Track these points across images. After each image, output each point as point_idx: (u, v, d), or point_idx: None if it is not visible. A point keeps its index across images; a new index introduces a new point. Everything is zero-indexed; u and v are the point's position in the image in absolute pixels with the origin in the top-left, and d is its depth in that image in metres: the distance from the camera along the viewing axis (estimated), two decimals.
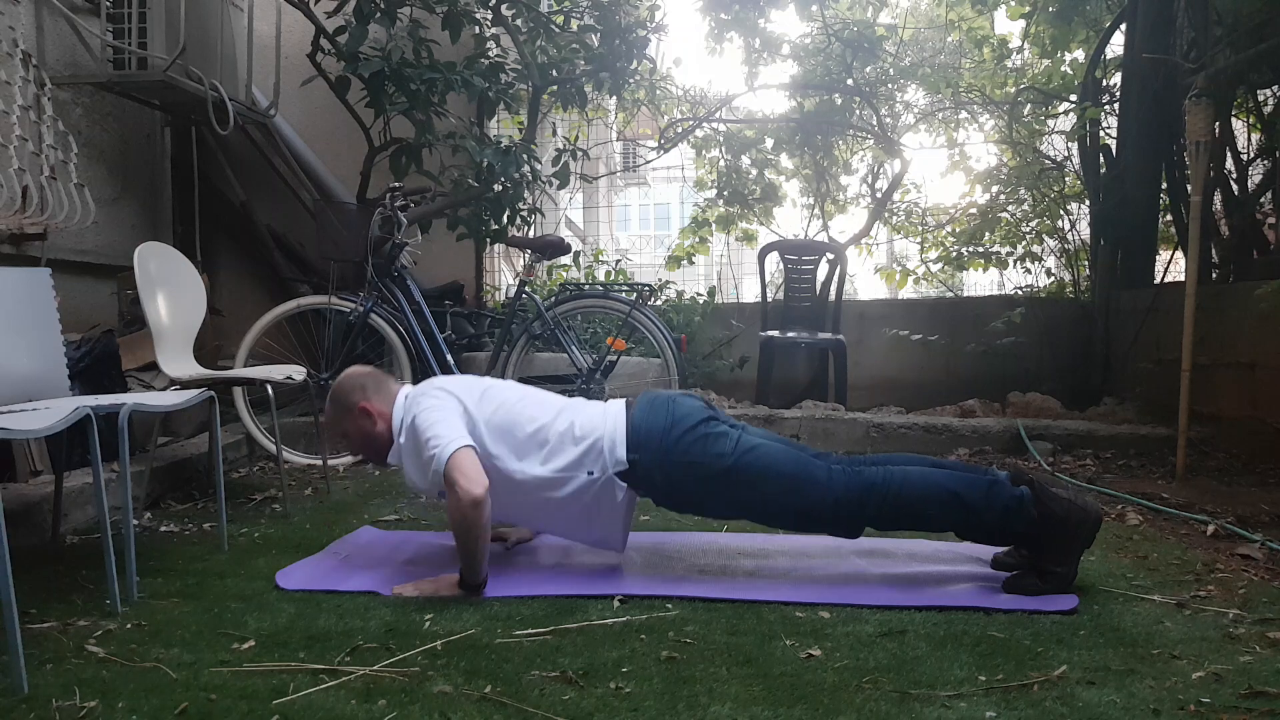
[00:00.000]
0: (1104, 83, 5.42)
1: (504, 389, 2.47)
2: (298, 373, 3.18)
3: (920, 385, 5.31)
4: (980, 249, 5.76)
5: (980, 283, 7.29)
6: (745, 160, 6.18)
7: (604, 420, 2.34)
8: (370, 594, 2.22)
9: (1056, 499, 2.18)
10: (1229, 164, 4.43)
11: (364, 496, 3.41)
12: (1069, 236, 5.56)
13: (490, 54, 4.33)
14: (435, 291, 4.67)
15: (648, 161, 6.74)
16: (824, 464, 2.28)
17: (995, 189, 5.87)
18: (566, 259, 5.31)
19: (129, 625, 2.00)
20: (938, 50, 6.88)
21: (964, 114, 6.36)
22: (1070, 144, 5.65)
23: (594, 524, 2.35)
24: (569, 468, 2.29)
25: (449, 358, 4.07)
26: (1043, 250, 5.65)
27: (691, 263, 6.38)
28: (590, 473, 2.28)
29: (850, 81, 5.94)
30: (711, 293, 5.61)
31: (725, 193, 6.15)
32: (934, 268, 6.09)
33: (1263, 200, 4.40)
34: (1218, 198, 4.50)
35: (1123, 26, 5.12)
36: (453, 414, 2.29)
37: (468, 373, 4.17)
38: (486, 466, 2.25)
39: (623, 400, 2.44)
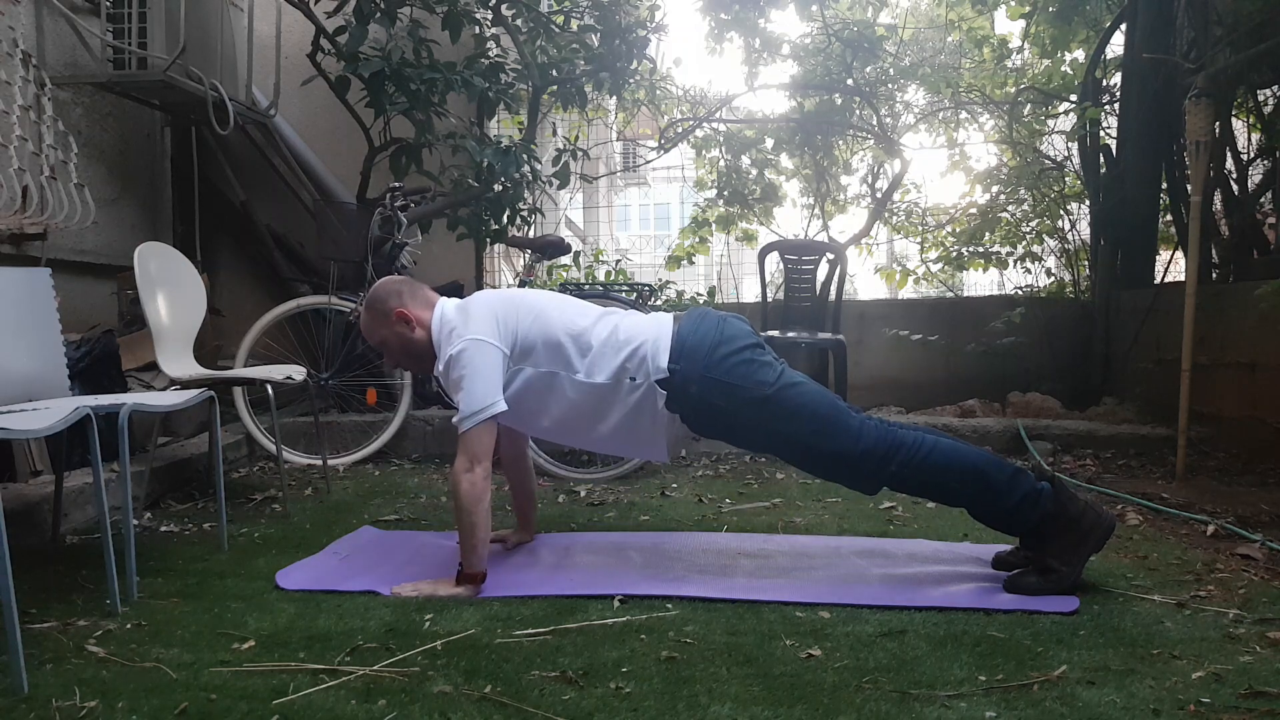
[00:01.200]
0: (1104, 83, 5.41)
1: (541, 297, 2.45)
2: (298, 373, 3.18)
3: (920, 385, 5.31)
4: (980, 249, 5.75)
5: (980, 283, 7.28)
6: (745, 160, 6.18)
7: (650, 327, 2.34)
8: (370, 594, 2.22)
9: (1075, 500, 2.21)
10: (1229, 164, 4.42)
11: (364, 496, 3.41)
12: (1069, 236, 5.56)
13: (490, 54, 4.33)
14: (435, 291, 4.66)
15: (648, 161, 6.74)
16: (858, 416, 2.29)
17: (995, 189, 5.87)
18: (566, 259, 5.31)
19: (129, 625, 2.01)
20: (938, 50, 6.88)
21: (964, 114, 6.36)
22: (1070, 144, 5.65)
23: (636, 433, 2.34)
24: (614, 374, 2.29)
25: None
26: (1043, 250, 5.65)
27: (691, 263, 6.38)
28: (633, 379, 2.28)
29: (850, 81, 5.94)
30: (711, 293, 5.61)
31: (725, 193, 6.14)
32: (934, 268, 6.08)
33: (1263, 200, 4.40)
34: (1218, 198, 4.50)
35: (1123, 26, 5.12)
36: (491, 363, 2.26)
37: None
38: (529, 378, 2.27)
39: (669, 313, 2.43)
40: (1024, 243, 5.62)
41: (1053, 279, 5.77)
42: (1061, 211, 5.53)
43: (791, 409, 2.25)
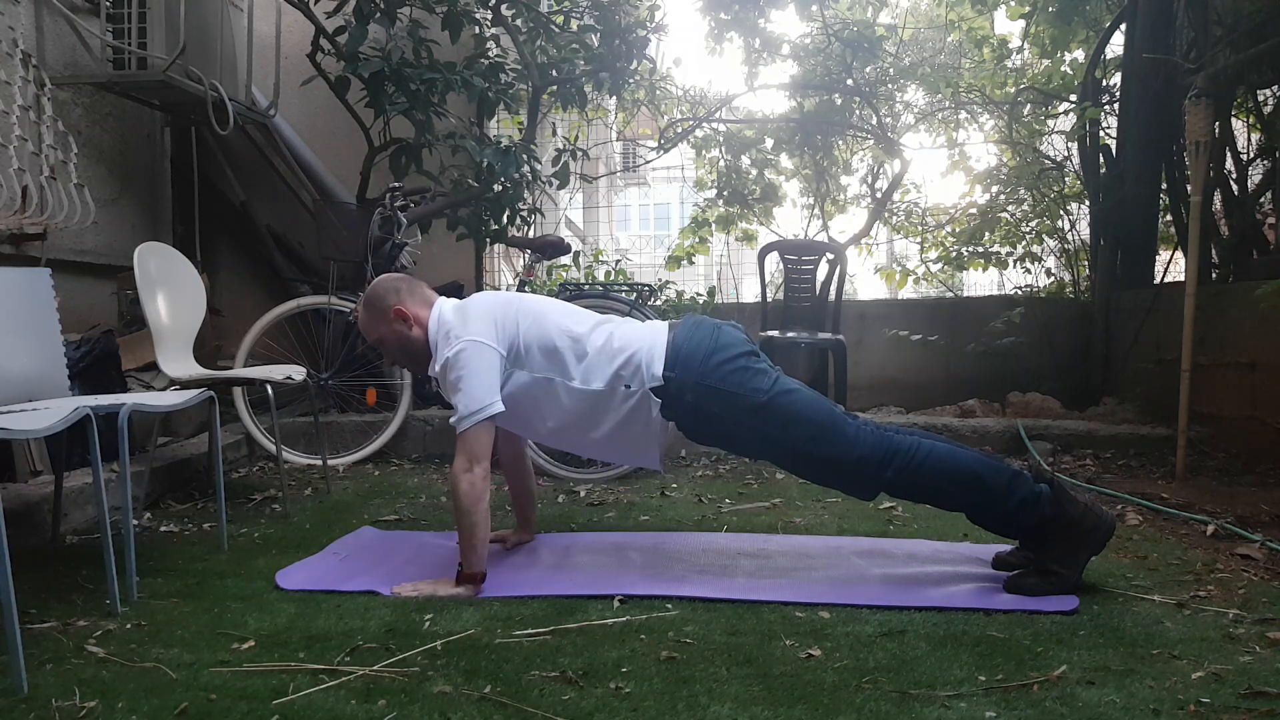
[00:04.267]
0: (1104, 83, 5.41)
1: (539, 302, 2.46)
2: (298, 373, 3.18)
3: (920, 385, 5.31)
4: (980, 249, 5.75)
5: (980, 283, 7.29)
6: (745, 160, 6.18)
7: (645, 336, 2.34)
8: (370, 594, 2.22)
9: (1074, 502, 2.20)
10: (1229, 164, 4.42)
11: (364, 496, 3.41)
12: (1069, 236, 5.56)
13: (490, 54, 4.33)
14: (435, 291, 4.66)
15: (648, 161, 6.73)
16: (854, 421, 2.29)
17: (995, 189, 5.86)
18: (566, 259, 5.30)
19: (129, 625, 2.01)
20: (938, 50, 6.88)
21: (964, 114, 6.36)
22: (1070, 144, 5.65)
23: (630, 440, 2.35)
24: (609, 381, 2.29)
25: None
26: (1043, 250, 5.65)
27: (691, 263, 6.38)
28: (627, 386, 2.29)
29: (850, 81, 5.94)
30: (711, 293, 5.61)
31: (725, 193, 6.14)
32: (934, 268, 6.08)
33: (1263, 200, 4.39)
34: (1218, 198, 4.50)
35: (1123, 26, 5.12)
36: (488, 365, 2.27)
37: None
38: (524, 383, 2.28)
39: (664, 321, 2.43)
40: (1024, 243, 5.61)
41: (1053, 279, 5.77)
42: (1061, 211, 5.53)
43: (787, 416, 2.26)
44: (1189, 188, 4.07)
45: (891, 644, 1.89)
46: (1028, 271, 5.59)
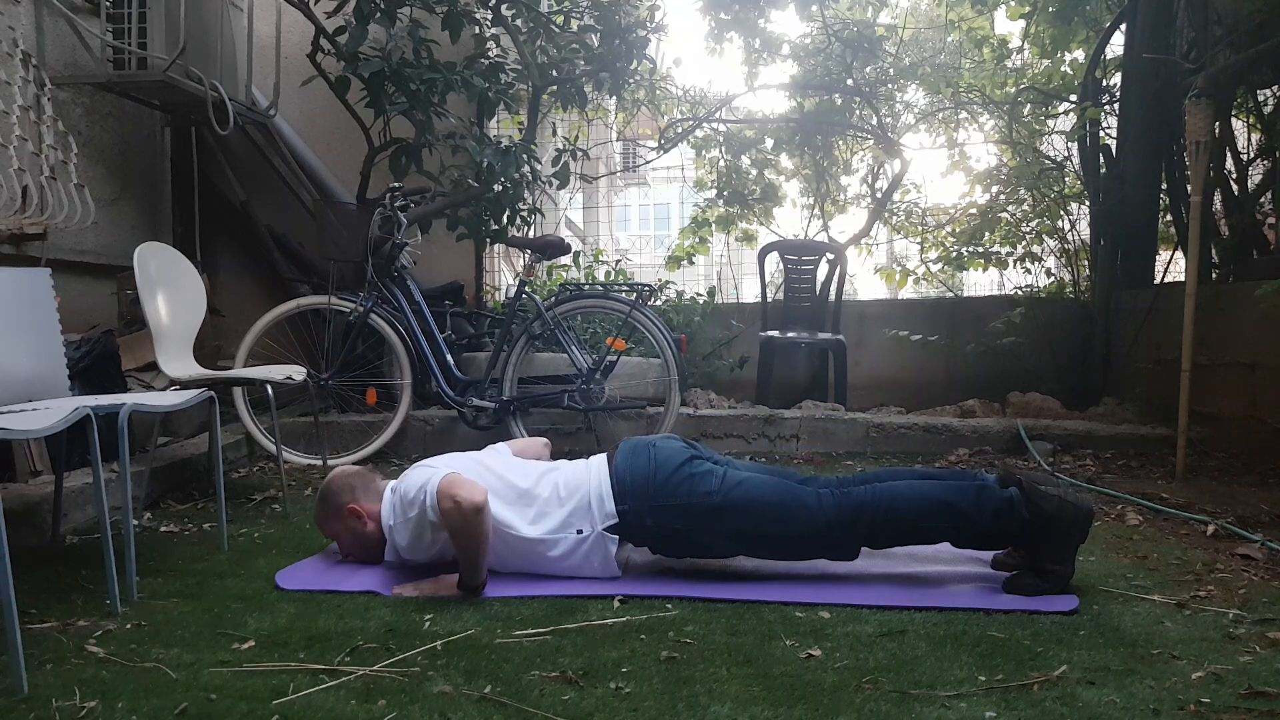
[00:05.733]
0: (1104, 83, 5.41)
1: (488, 455, 2.49)
2: (298, 373, 3.18)
3: (920, 385, 5.31)
4: (980, 249, 5.75)
5: (980, 283, 7.29)
6: (745, 160, 6.18)
7: (587, 475, 2.35)
8: (370, 594, 2.22)
9: (1046, 497, 2.18)
10: (1229, 164, 4.42)
11: None
12: (1069, 236, 5.56)
13: (490, 54, 4.33)
14: (435, 291, 4.67)
15: (648, 161, 6.73)
16: (812, 489, 2.29)
17: (995, 189, 5.87)
18: (566, 259, 5.31)
19: (129, 625, 2.00)
20: (938, 50, 6.88)
21: (964, 114, 6.36)
22: (1070, 144, 5.65)
23: (586, 570, 2.32)
24: (558, 529, 2.30)
25: (449, 358, 4.07)
26: (1043, 250, 5.65)
27: (691, 263, 6.38)
28: (579, 531, 2.29)
29: (850, 81, 5.94)
30: (711, 293, 5.61)
31: (725, 193, 6.14)
32: (934, 268, 6.08)
33: (1263, 200, 4.39)
34: (1218, 198, 4.50)
35: (1123, 26, 5.12)
36: (433, 465, 2.32)
37: (467, 372, 4.18)
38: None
39: (603, 454, 2.44)
40: (1024, 243, 5.62)
41: (1053, 279, 5.77)
42: (1061, 211, 5.53)
43: (745, 505, 2.26)
44: (1189, 188, 4.07)
45: (891, 644, 1.89)
46: (1028, 271, 5.59)
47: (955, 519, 2.21)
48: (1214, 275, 4.48)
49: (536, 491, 2.34)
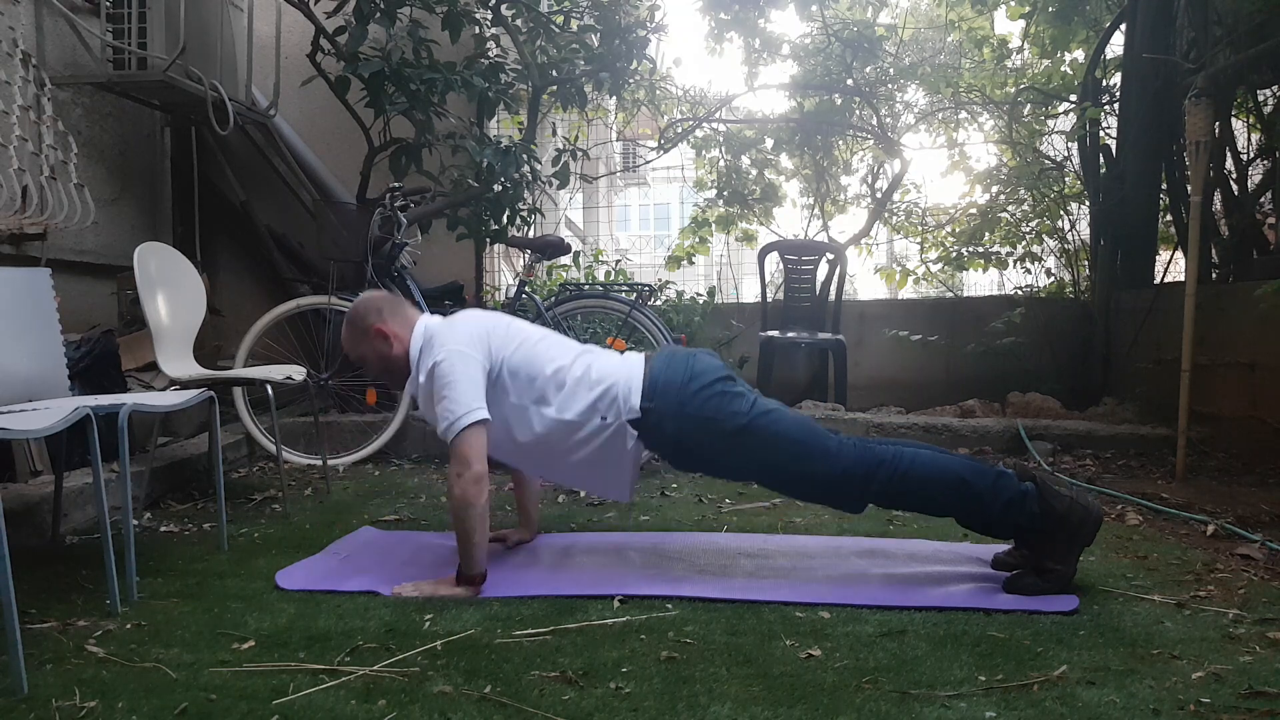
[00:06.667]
0: (1104, 83, 5.41)
1: (525, 327, 2.47)
2: (298, 373, 3.18)
3: (920, 385, 5.31)
4: (980, 249, 5.76)
5: (980, 283, 7.29)
6: (745, 160, 6.18)
7: (622, 368, 2.36)
8: (370, 594, 2.22)
9: (1059, 497, 2.19)
10: (1229, 164, 4.42)
11: (364, 496, 3.41)
12: (1069, 236, 5.56)
13: (490, 54, 4.33)
14: (435, 291, 4.67)
15: (648, 161, 6.74)
16: (836, 437, 2.30)
17: (995, 189, 5.87)
18: (566, 259, 5.31)
19: (129, 625, 2.00)
20: (938, 50, 6.88)
21: (964, 114, 6.36)
22: (1070, 144, 5.65)
23: (602, 471, 2.36)
24: (584, 412, 2.30)
25: None
26: (1043, 250, 5.65)
27: (691, 263, 6.38)
28: (604, 418, 2.30)
29: (850, 81, 5.94)
30: (711, 293, 5.61)
31: (725, 193, 6.14)
32: (934, 268, 6.08)
33: (1263, 200, 4.39)
34: (1218, 198, 4.50)
35: (1123, 26, 5.12)
36: (474, 375, 2.27)
37: None
38: (502, 406, 2.28)
39: (642, 353, 2.44)
40: (1024, 243, 5.62)
41: (1053, 279, 5.77)
42: (1061, 211, 5.53)
43: (768, 436, 2.27)
44: (1189, 188, 4.07)
45: (891, 644, 1.89)
46: (1028, 271, 5.59)
47: (968, 497, 2.22)
48: (1214, 275, 4.48)
49: (570, 371, 2.34)
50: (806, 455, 2.26)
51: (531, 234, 4.79)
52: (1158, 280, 5.05)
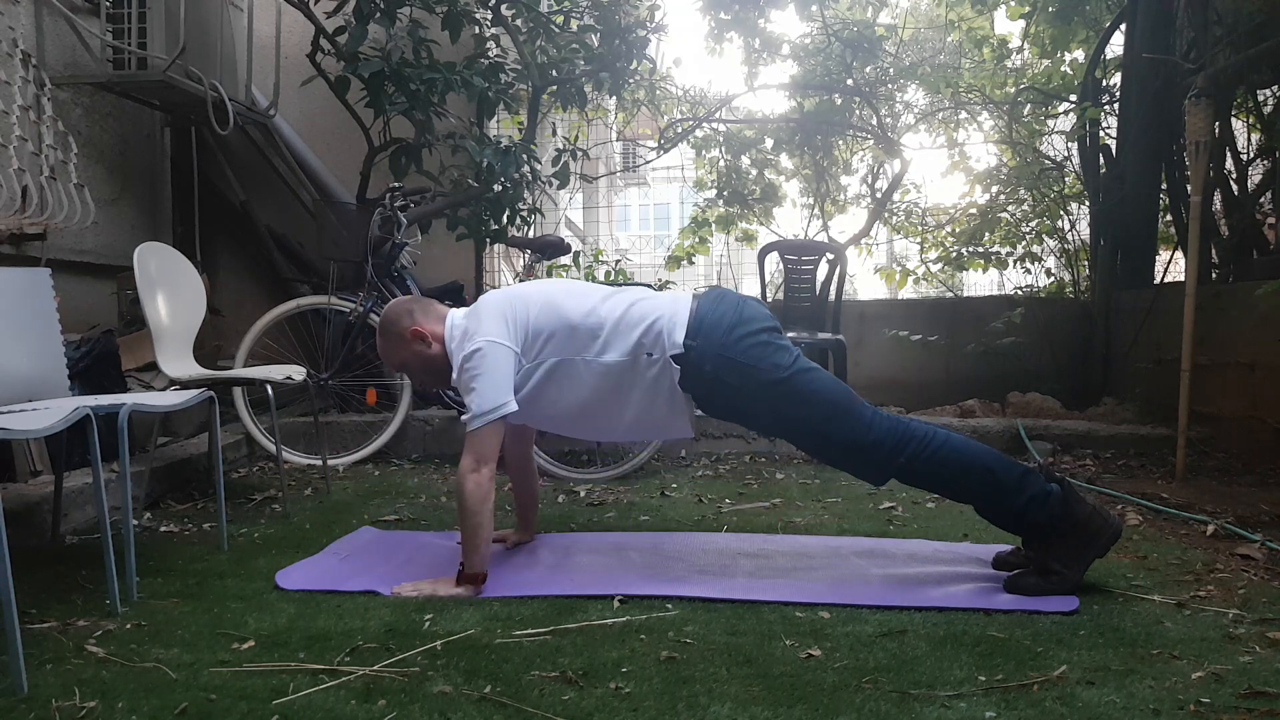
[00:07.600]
0: (1104, 83, 5.41)
1: (542, 287, 2.44)
2: (298, 373, 3.18)
3: (920, 385, 5.31)
4: (980, 249, 5.75)
5: (980, 283, 7.28)
6: (745, 160, 6.17)
7: (668, 305, 2.35)
8: (370, 594, 2.22)
9: (1082, 503, 2.21)
10: (1229, 164, 4.42)
11: (364, 496, 3.41)
12: (1069, 236, 5.56)
13: (490, 54, 4.33)
14: (435, 291, 4.67)
15: (648, 161, 6.73)
16: (872, 408, 2.30)
17: (995, 189, 5.87)
18: (566, 259, 5.31)
19: (129, 625, 2.01)
20: (938, 50, 6.88)
21: (964, 114, 6.36)
22: (1070, 144, 5.65)
23: (657, 411, 2.34)
24: (630, 351, 2.30)
25: None
26: (1043, 250, 5.65)
27: (691, 263, 6.37)
28: (650, 354, 2.29)
29: (850, 81, 5.93)
30: None
31: (725, 193, 6.14)
32: (934, 268, 6.08)
33: (1263, 200, 4.39)
34: (1218, 198, 4.50)
35: (1123, 26, 5.12)
36: (503, 365, 2.27)
37: None
38: (542, 370, 2.29)
39: (689, 293, 2.44)
40: (1024, 243, 5.62)
41: (1052, 279, 5.77)
42: (1061, 211, 5.53)
43: (805, 394, 2.26)
44: (1189, 188, 4.07)
45: (891, 644, 1.89)
46: (1028, 271, 5.59)
47: (993, 486, 2.22)
48: (1214, 275, 4.48)
49: (606, 314, 2.32)
50: (840, 418, 2.25)
51: (531, 234, 4.79)
52: (1158, 280, 5.05)
